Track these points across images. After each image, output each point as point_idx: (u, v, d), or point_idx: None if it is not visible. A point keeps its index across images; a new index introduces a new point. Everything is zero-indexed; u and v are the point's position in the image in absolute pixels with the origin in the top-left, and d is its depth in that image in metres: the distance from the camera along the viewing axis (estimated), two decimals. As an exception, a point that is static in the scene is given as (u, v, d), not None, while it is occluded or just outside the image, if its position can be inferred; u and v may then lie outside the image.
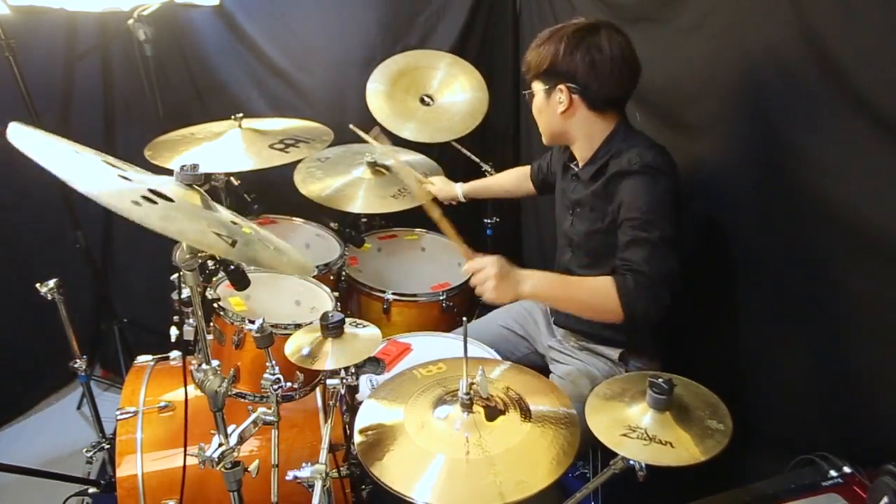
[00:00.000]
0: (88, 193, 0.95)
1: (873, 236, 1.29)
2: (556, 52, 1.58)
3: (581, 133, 1.67)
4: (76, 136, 2.65)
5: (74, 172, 1.01)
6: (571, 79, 1.59)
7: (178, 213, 1.09)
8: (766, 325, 1.65)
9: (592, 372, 1.79)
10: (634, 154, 1.55)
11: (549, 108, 1.66)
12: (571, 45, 1.57)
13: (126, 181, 1.10)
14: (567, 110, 1.63)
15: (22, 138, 1.02)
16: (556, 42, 1.59)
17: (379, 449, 1.26)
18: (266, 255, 1.19)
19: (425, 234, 2.66)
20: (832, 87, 1.33)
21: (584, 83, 1.58)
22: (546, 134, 1.74)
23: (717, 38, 1.68)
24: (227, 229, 1.15)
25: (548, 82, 1.64)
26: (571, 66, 1.58)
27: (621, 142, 1.62)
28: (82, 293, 2.67)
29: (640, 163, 1.53)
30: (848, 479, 1.23)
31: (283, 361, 1.44)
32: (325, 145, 2.15)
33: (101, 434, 2.14)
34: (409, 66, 2.64)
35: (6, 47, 2.10)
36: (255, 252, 1.16)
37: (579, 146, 1.71)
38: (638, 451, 1.21)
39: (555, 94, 1.63)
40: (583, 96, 1.60)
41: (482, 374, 1.32)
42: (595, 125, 1.65)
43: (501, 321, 2.06)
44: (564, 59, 1.58)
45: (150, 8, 2.27)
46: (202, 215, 1.15)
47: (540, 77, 1.66)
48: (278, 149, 2.03)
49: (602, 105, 1.62)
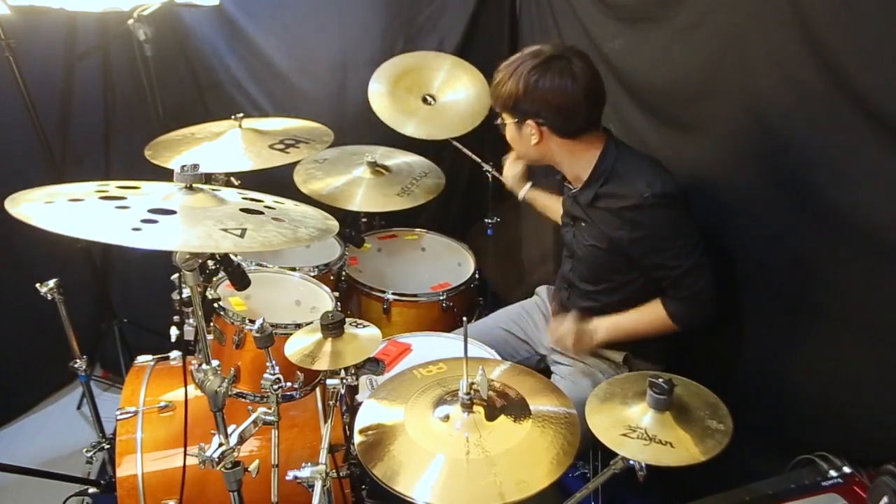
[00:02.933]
0: (91, 238, 1.01)
1: (873, 236, 1.29)
2: (516, 91, 1.58)
3: (563, 158, 1.68)
4: (76, 135, 2.67)
5: (73, 224, 1.06)
6: (537, 115, 1.59)
7: (180, 224, 1.10)
8: (767, 325, 1.65)
9: (595, 374, 1.80)
10: (642, 184, 1.54)
11: (521, 140, 1.67)
12: (531, 84, 1.55)
13: (124, 209, 1.12)
14: (540, 142, 1.63)
15: (19, 209, 1.06)
16: (516, 81, 1.57)
17: (379, 449, 1.25)
18: (281, 235, 1.17)
19: (425, 234, 2.66)
20: (832, 86, 1.33)
21: (550, 119, 1.58)
22: (524, 160, 1.75)
23: (717, 38, 1.68)
24: (237, 220, 1.14)
25: (515, 116, 1.63)
26: (534, 104, 1.57)
27: (615, 161, 1.62)
28: (82, 293, 2.66)
29: (653, 194, 1.53)
30: (848, 479, 1.24)
31: (283, 361, 1.44)
32: (325, 146, 2.15)
33: (101, 434, 2.14)
34: (412, 66, 2.63)
35: (6, 47, 2.10)
36: (268, 234, 1.14)
37: (566, 168, 1.71)
38: (638, 451, 1.21)
39: (525, 128, 1.63)
40: (552, 129, 1.60)
41: (482, 374, 1.32)
42: (575, 149, 1.65)
43: (502, 324, 2.06)
44: (526, 98, 1.57)
45: (150, 8, 2.27)
46: (207, 215, 1.14)
47: (508, 112, 1.66)
48: (278, 149, 2.03)
49: (573, 133, 1.62)
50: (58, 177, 2.34)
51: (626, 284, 1.69)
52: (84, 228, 1.04)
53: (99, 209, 1.13)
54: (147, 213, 1.10)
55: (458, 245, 2.59)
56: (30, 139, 2.26)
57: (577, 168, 1.68)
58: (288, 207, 1.33)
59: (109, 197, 1.17)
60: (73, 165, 2.59)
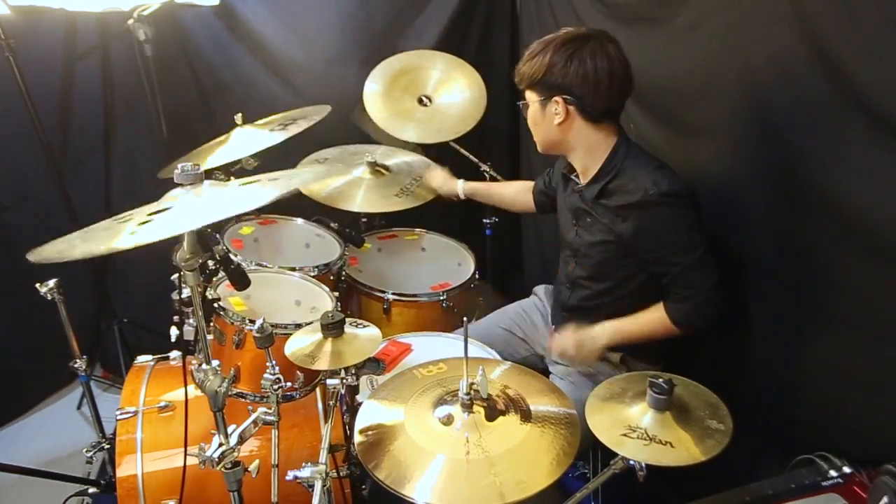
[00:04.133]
0: (94, 253, 1.11)
1: (873, 236, 1.29)
2: (549, 64, 1.57)
3: (580, 143, 1.67)
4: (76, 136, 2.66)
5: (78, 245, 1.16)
6: (567, 91, 1.58)
7: (172, 216, 1.13)
8: (767, 325, 1.65)
9: (594, 374, 1.79)
10: (648, 182, 1.55)
11: (544, 120, 1.65)
12: (564, 57, 1.55)
13: (127, 221, 1.18)
14: (564, 122, 1.62)
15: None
16: (549, 54, 1.57)
17: (379, 449, 1.26)
18: (272, 187, 1.22)
19: (425, 234, 2.66)
20: (832, 86, 1.33)
21: (579, 95, 1.57)
22: (542, 143, 1.73)
23: (717, 38, 1.68)
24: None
25: (542, 94, 1.62)
26: (566, 78, 1.56)
27: (625, 159, 1.62)
28: (82, 293, 2.67)
29: (658, 192, 1.53)
30: (848, 479, 1.23)
31: (283, 361, 1.44)
32: (321, 116, 2.20)
33: (101, 434, 2.14)
34: (408, 66, 2.63)
35: (6, 47, 2.10)
36: (298, 175, 1.22)
37: (579, 156, 1.70)
38: (638, 451, 1.21)
39: (550, 106, 1.62)
40: (579, 108, 1.59)
41: (482, 374, 1.32)
42: (593, 136, 1.64)
43: (501, 323, 2.06)
44: (558, 71, 1.56)
45: (150, 8, 2.27)
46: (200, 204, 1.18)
47: (534, 88, 1.64)
48: (278, 129, 2.08)
49: (598, 116, 1.61)
50: (57, 177, 2.34)
51: (629, 282, 1.69)
52: (86, 245, 1.13)
53: (109, 232, 1.19)
54: (145, 216, 1.14)
55: (458, 245, 2.59)
56: (29, 139, 2.27)
57: (589, 158, 1.67)
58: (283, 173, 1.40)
59: (123, 221, 1.23)
60: (72, 165, 2.59)
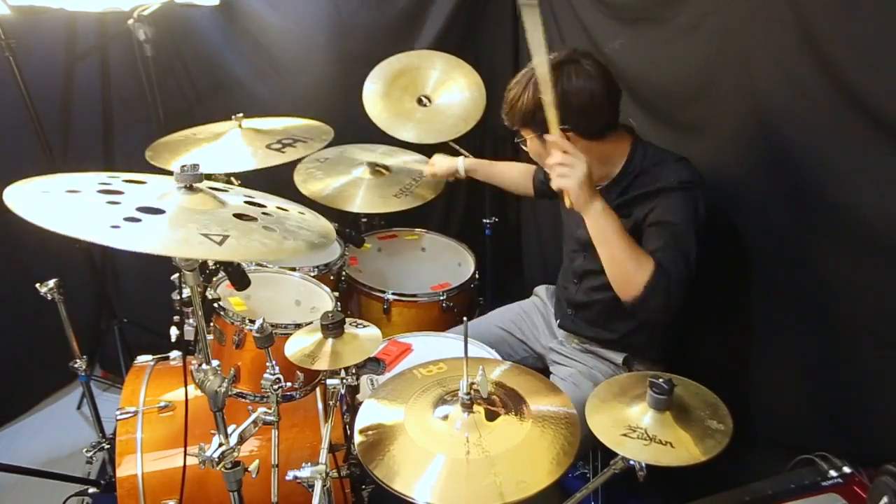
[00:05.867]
0: (66, 232, 0.98)
1: (873, 237, 1.29)
2: (534, 101, 1.54)
3: (592, 158, 1.58)
4: (76, 136, 2.66)
5: (51, 216, 1.02)
6: (560, 122, 1.52)
7: (163, 225, 1.07)
8: (767, 325, 1.65)
9: (595, 374, 1.79)
10: (669, 172, 1.56)
11: (547, 151, 1.60)
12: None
13: (115, 205, 1.09)
14: None
15: (16, 200, 1.03)
16: (530, 90, 1.55)
17: (379, 449, 1.25)
18: (263, 246, 1.12)
19: (425, 234, 2.66)
20: (832, 86, 1.33)
21: (573, 123, 1.55)
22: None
23: (717, 38, 1.68)
24: (223, 225, 1.12)
25: (537, 129, 1.59)
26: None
27: (643, 159, 1.62)
28: (82, 293, 2.66)
29: (678, 180, 1.54)
30: (848, 479, 1.24)
31: (283, 361, 1.44)
32: (323, 143, 2.14)
33: (101, 434, 2.14)
34: (408, 66, 2.63)
35: (6, 47, 2.10)
36: (250, 244, 1.10)
37: (595, 168, 1.61)
38: (638, 452, 1.21)
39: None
40: (577, 132, 1.57)
41: (482, 374, 1.32)
42: (603, 149, 1.63)
43: (500, 323, 2.06)
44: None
45: (150, 8, 2.27)
46: (195, 218, 1.12)
47: (527, 126, 1.62)
48: (275, 149, 2.03)
49: (599, 133, 1.60)
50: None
51: None
52: (62, 222, 1.00)
53: (92, 202, 1.10)
54: (134, 211, 1.07)
55: (458, 245, 2.59)
56: (29, 139, 2.26)
57: (606, 167, 1.66)
58: (289, 215, 1.31)
59: (109, 191, 1.16)
60: (72, 166, 2.59)
